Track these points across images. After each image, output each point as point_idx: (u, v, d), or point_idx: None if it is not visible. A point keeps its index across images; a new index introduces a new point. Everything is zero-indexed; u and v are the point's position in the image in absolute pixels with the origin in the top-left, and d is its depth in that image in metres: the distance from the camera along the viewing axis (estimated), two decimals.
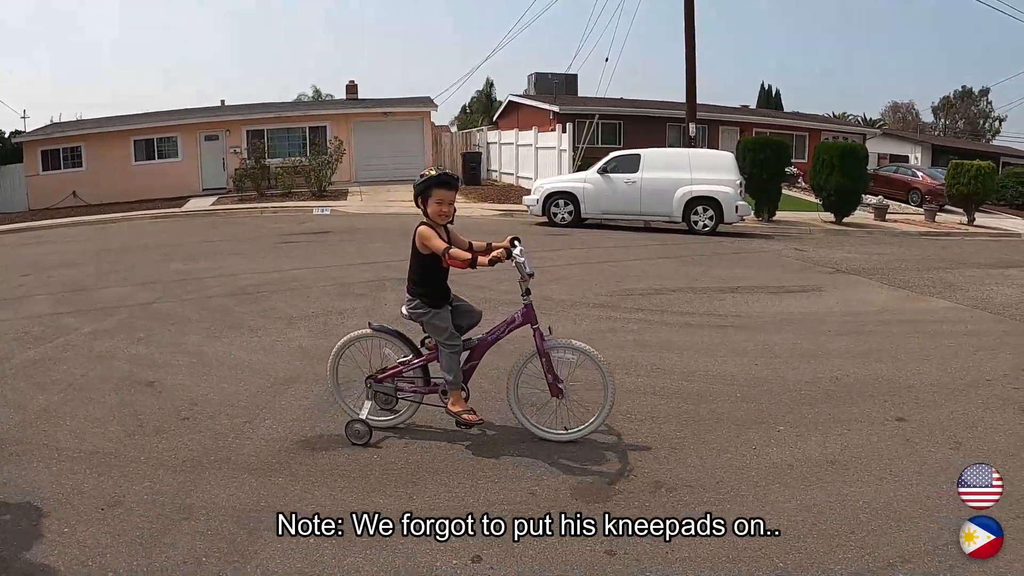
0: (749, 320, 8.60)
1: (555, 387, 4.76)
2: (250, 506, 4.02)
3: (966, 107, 65.92)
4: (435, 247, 4.53)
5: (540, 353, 4.72)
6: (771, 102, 49.41)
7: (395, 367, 4.93)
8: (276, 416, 5.35)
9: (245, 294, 9.91)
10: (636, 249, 14.44)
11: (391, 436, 5.01)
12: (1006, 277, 12.43)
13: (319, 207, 23.03)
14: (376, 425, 4.92)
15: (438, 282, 4.78)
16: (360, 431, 4.81)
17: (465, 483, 4.33)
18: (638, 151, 18.63)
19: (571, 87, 33.97)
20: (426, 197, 4.63)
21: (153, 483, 4.28)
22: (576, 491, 4.26)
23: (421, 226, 4.65)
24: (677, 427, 5.18)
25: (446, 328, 4.72)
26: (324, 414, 5.36)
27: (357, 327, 7.82)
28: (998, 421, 5.43)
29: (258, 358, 6.85)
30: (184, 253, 14.03)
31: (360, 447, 4.83)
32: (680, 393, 5.70)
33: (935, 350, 7.44)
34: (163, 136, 30.33)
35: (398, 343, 4.98)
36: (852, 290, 10.72)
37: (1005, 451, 4.85)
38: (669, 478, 4.42)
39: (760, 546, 3.68)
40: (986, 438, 5.10)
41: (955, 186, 24.00)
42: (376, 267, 11.76)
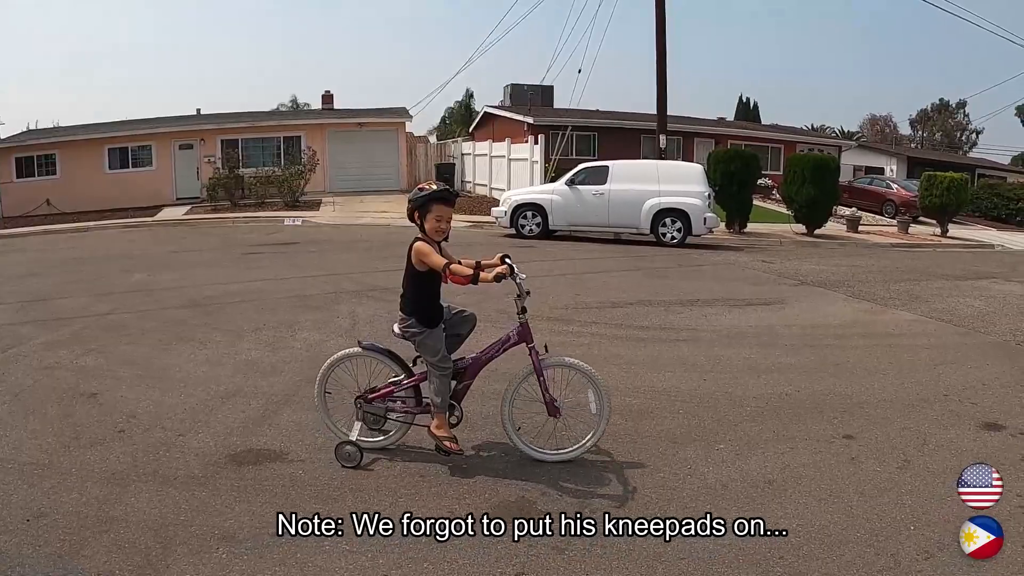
0: (703, 334, 8.53)
1: (552, 406, 4.66)
2: (169, 519, 3.99)
3: (943, 120, 66.51)
4: (434, 264, 4.40)
5: (537, 372, 4.61)
6: (749, 114, 49.65)
7: (386, 387, 4.77)
8: (210, 429, 5.31)
9: (201, 306, 9.81)
10: (600, 261, 14.41)
11: (317, 453, 4.92)
12: (975, 288, 12.45)
13: (291, 217, 22.90)
14: (366, 447, 4.76)
15: (431, 299, 4.64)
16: (350, 453, 4.65)
17: (385, 500, 4.26)
18: (607, 163, 18.63)
19: (547, 98, 34.02)
20: (424, 212, 4.48)
21: (80, 495, 4.26)
22: (495, 510, 4.17)
23: (417, 242, 4.50)
24: (612, 444, 5.06)
25: (439, 350, 4.58)
26: (257, 428, 5.32)
27: (305, 341, 7.95)
28: (951, 438, 5.38)
29: (203, 371, 6.79)
30: (148, 264, 13.91)
31: (286, 463, 4.75)
32: (621, 409, 5.56)
33: (892, 364, 7.39)
34: (137, 145, 30.11)
35: (389, 362, 4.81)
36: (814, 303, 10.69)
37: (956, 469, 4.62)
38: (593, 500, 4.33)
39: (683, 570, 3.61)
40: (936, 456, 5.04)
41: (928, 198, 24.17)
42: (336, 279, 11.66)
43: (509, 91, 36.12)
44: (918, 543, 3.86)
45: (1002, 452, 5.11)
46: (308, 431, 5.28)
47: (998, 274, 14.64)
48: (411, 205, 4.54)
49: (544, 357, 4.62)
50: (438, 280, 4.52)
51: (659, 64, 21.50)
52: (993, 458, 4.87)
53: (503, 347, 4.68)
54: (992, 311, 10.29)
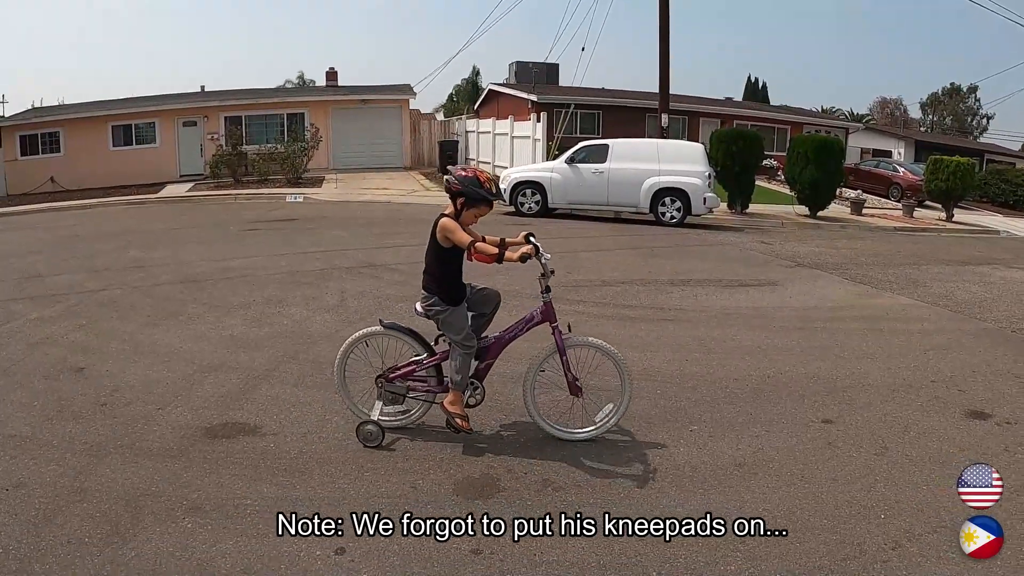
0: (692, 314, 8.50)
1: (575, 386, 4.65)
2: (141, 490, 4.08)
3: (954, 104, 65.87)
4: (459, 240, 4.35)
5: (560, 351, 4.59)
6: (757, 95, 49.29)
7: (407, 366, 4.74)
8: (188, 403, 5.38)
9: (194, 282, 9.85)
10: (596, 240, 14.31)
11: (290, 427, 4.96)
12: (975, 274, 12.32)
13: (292, 194, 22.83)
14: (387, 425, 4.73)
15: (455, 277, 4.59)
16: (372, 432, 4.63)
17: (351, 474, 4.30)
18: (607, 141, 18.46)
19: (552, 76, 33.75)
20: (471, 205, 4.44)
21: (59, 466, 4.35)
22: (456, 486, 4.19)
23: (444, 218, 4.44)
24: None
25: (463, 328, 4.55)
26: (234, 403, 5.40)
27: (292, 317, 7.97)
28: (934, 425, 5.31)
29: (188, 346, 6.86)
30: (146, 241, 13.96)
31: (259, 437, 4.80)
32: (599, 388, 5.54)
33: (883, 348, 7.32)
34: (141, 122, 29.99)
35: (410, 341, 4.78)
36: (810, 285, 10.60)
37: (935, 457, 4.73)
38: (559, 477, 4.33)
39: (637, 550, 3.60)
40: (917, 443, 4.97)
41: (933, 182, 23.89)
42: (330, 255, 11.66)
43: (514, 69, 35.87)
44: (887, 532, 3.81)
45: (985, 441, 5.06)
46: (284, 406, 5.35)
47: (1000, 260, 14.47)
48: (464, 191, 4.42)
49: (567, 337, 4.62)
50: (462, 257, 4.48)
51: (662, 43, 21.27)
52: (976, 447, 4.92)
53: (526, 326, 4.68)
54: (990, 297, 10.20)
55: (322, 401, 5.41)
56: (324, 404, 5.34)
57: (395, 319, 4.87)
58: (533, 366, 4.70)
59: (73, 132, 29.66)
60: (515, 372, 5.21)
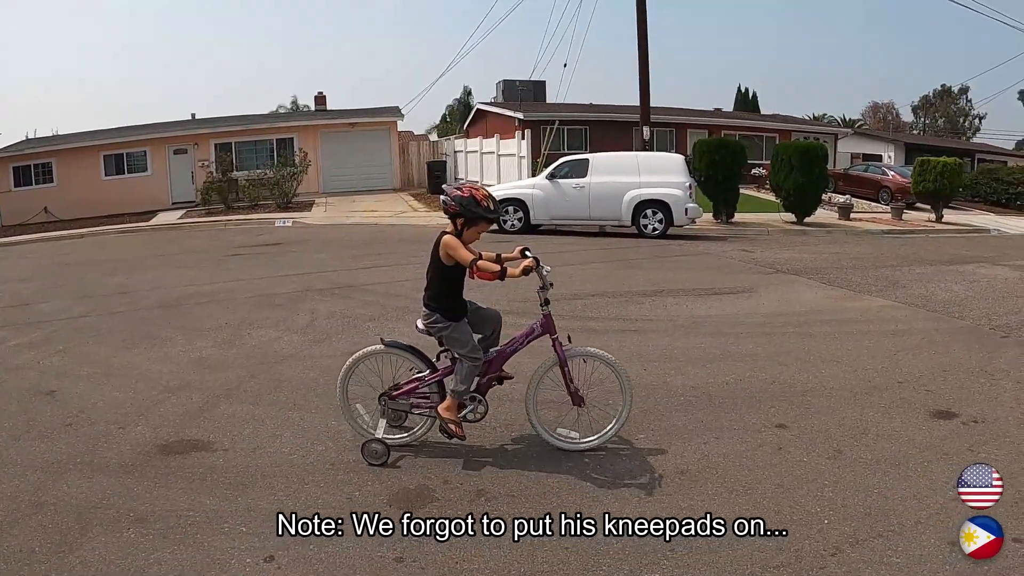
0: (658, 324, 8.51)
1: (576, 396, 4.73)
2: (93, 503, 4.24)
3: (946, 105, 65.96)
4: (461, 258, 4.39)
5: (561, 363, 4.67)
6: (748, 104, 49.27)
7: (410, 383, 4.77)
8: (149, 422, 5.50)
9: (172, 306, 9.96)
10: (574, 254, 14.32)
11: (241, 443, 5.05)
12: (958, 273, 12.30)
13: (281, 219, 23.00)
14: (391, 443, 4.76)
15: (456, 294, 4.63)
16: (378, 451, 4.64)
17: (292, 487, 4.40)
18: (587, 155, 18.57)
19: (540, 94, 33.92)
20: (472, 224, 4.49)
21: (20, 482, 4.52)
22: (394, 497, 4.24)
23: (446, 236, 4.49)
24: (528, 434, 5.08)
25: (468, 341, 4.59)
26: (192, 421, 5.52)
27: (259, 338, 8.04)
28: (895, 427, 5.26)
29: (157, 368, 6.99)
30: (132, 267, 14.10)
31: (210, 452, 4.91)
32: (550, 401, 5.49)
33: (851, 351, 7.27)
34: (132, 151, 30.28)
35: (412, 358, 4.81)
36: (785, 290, 10.60)
37: (892, 459, 4.67)
38: (495, 486, 4.37)
39: (561, 558, 3.66)
40: (874, 445, 4.92)
41: (921, 183, 23.92)
42: (307, 278, 11.73)
43: (501, 87, 36.04)
44: (828, 538, 3.76)
45: (948, 441, 5.01)
46: (238, 423, 5.45)
47: (986, 258, 14.44)
48: (464, 211, 4.46)
49: (567, 348, 4.69)
50: (464, 275, 4.52)
51: (641, 56, 21.41)
52: (936, 448, 4.88)
53: (527, 339, 4.73)
54: (971, 295, 10.19)
55: (275, 418, 5.51)
56: (277, 421, 5.46)
57: (363, 339, 4.97)
58: (534, 378, 4.76)
59: (65, 162, 29.96)
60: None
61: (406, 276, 11.54)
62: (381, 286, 10.71)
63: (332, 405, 5.56)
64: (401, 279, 11.47)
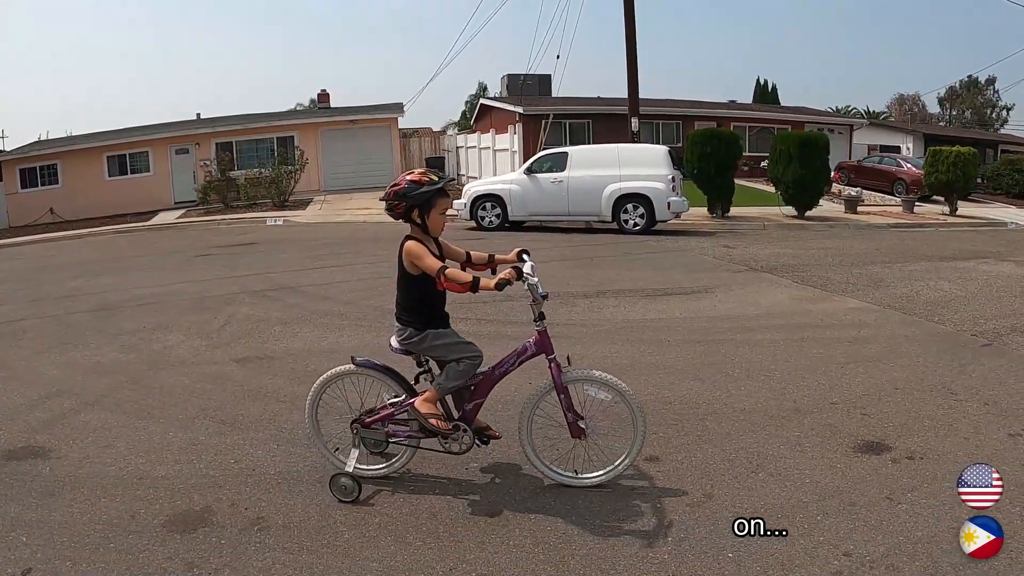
0: (584, 329, 7.88)
1: (576, 427, 4.03)
2: None
3: (972, 97, 64.20)
4: (428, 267, 3.82)
5: (558, 388, 3.98)
6: (767, 97, 48.30)
7: (385, 409, 4.16)
8: (12, 427, 5.38)
9: (108, 310, 9.78)
10: (542, 252, 13.60)
11: (76, 451, 4.89)
12: (956, 270, 11.56)
13: (274, 218, 22.86)
14: (365, 475, 4.20)
15: (433, 306, 4.06)
16: (347, 487, 4.03)
17: (89, 500, 4.18)
18: (566, 149, 17.98)
19: (544, 87, 33.29)
20: (428, 209, 3.92)
21: None
22: (174, 518, 3.93)
23: (408, 241, 3.94)
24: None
25: (456, 341, 4.02)
26: (49, 427, 5.36)
27: (163, 343, 7.74)
28: (801, 462, 4.39)
29: (54, 372, 6.90)
30: (101, 269, 13.95)
31: (43, 459, 4.76)
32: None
33: (791, 363, 6.47)
34: (135, 151, 30.42)
35: (387, 380, 4.20)
36: (748, 290, 9.87)
37: (774, 509, 3.80)
38: (278, 515, 3.94)
39: None
40: (759, 489, 4.08)
41: (933, 174, 23.03)
42: (251, 279, 11.47)
43: (505, 82, 35.52)
44: None
45: (861, 486, 4.09)
46: (86, 431, 5.25)
47: (993, 253, 13.67)
48: (410, 201, 3.90)
49: (567, 370, 4.01)
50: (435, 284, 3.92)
51: (629, 46, 20.77)
52: (844, 494, 3.99)
53: (518, 359, 4.05)
54: (962, 295, 9.42)
55: (121, 427, 5.30)
56: (120, 430, 5.23)
57: (260, 345, 4.54)
58: (528, 405, 4.12)
59: (70, 164, 30.17)
60: None
61: (347, 277, 11.25)
62: (318, 288, 10.37)
63: (185, 415, 5.51)
64: (342, 280, 11.17)
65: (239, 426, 5.21)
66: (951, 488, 3.90)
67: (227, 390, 6.05)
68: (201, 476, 4.42)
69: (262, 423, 5.25)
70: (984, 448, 4.56)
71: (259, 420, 5.31)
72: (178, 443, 4.90)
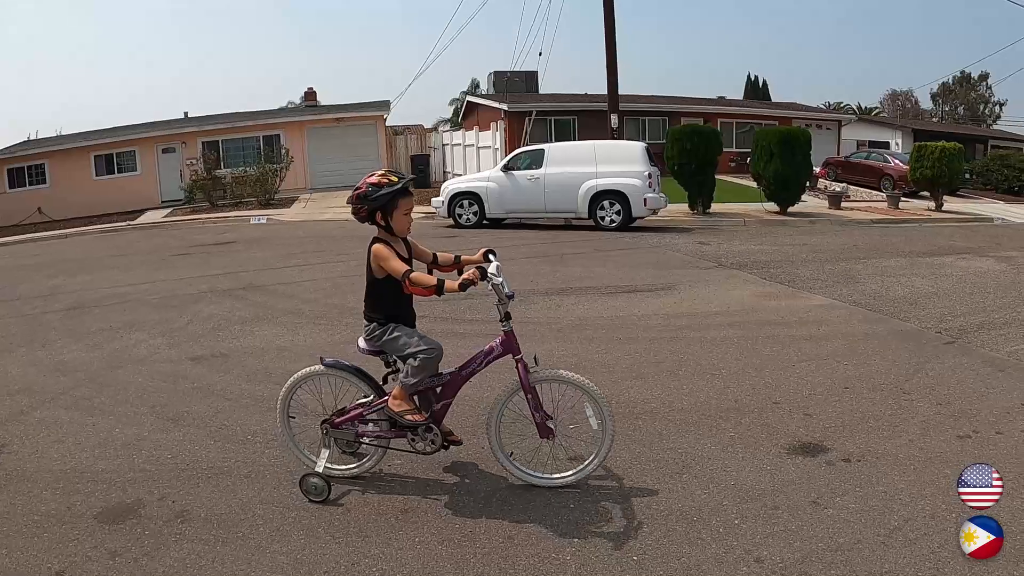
0: (536, 327, 7.81)
1: (544, 427, 4.00)
2: None
3: (965, 93, 64.23)
4: (393, 270, 3.84)
5: (525, 389, 3.97)
6: (758, 93, 48.36)
7: (355, 409, 4.16)
8: None
9: (79, 309, 9.82)
10: (510, 248, 13.63)
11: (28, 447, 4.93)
12: (931, 266, 11.54)
13: (258, 216, 22.92)
14: (336, 474, 4.21)
15: (398, 305, 4.05)
16: (317, 486, 4.04)
17: (28, 493, 4.26)
18: (543, 146, 17.97)
19: (532, 85, 33.33)
20: (390, 209, 3.92)
21: None
22: (105, 510, 4.01)
23: (376, 244, 3.94)
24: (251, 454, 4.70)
25: (412, 335, 3.98)
26: (4, 424, 5.44)
27: (125, 341, 7.78)
28: (731, 463, 4.34)
29: (17, 371, 6.96)
30: (79, 268, 13.98)
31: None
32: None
33: (739, 361, 6.41)
34: (122, 151, 30.48)
35: (356, 381, 4.20)
36: (713, 287, 9.84)
37: (691, 507, 3.81)
38: (202, 509, 4.01)
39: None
40: (681, 492, 3.98)
41: (919, 169, 22.96)
42: (221, 278, 11.52)
43: (492, 79, 35.56)
44: None
45: (788, 488, 4.01)
46: (40, 427, 5.32)
47: (973, 249, 13.65)
48: (371, 205, 3.89)
49: (534, 370, 3.99)
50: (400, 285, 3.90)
51: (608, 43, 20.80)
52: (766, 497, 3.91)
53: (485, 359, 4.04)
54: (933, 292, 9.39)
55: (72, 423, 5.38)
56: (71, 427, 5.30)
57: (217, 343, 4.60)
58: (496, 405, 4.12)
59: (57, 163, 30.26)
60: None
61: (316, 276, 11.29)
62: (285, 287, 10.44)
63: (134, 411, 5.59)
64: (309, 279, 11.22)
65: (182, 422, 5.30)
66: (884, 492, 3.89)
67: (178, 388, 6.14)
68: (138, 471, 4.50)
69: (205, 420, 5.34)
70: (928, 451, 4.45)
71: (202, 417, 5.39)
72: (122, 438, 5.00)
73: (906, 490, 3.97)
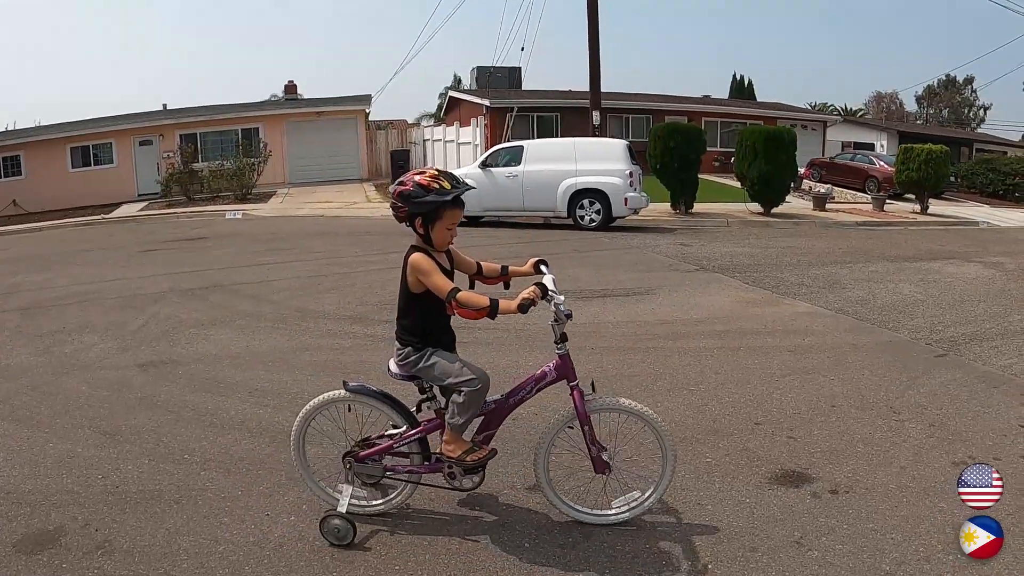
0: (493, 334, 7.18)
1: (600, 461, 3.60)
2: None
3: (950, 95, 64.43)
4: (436, 287, 3.32)
5: (581, 420, 3.53)
6: (744, 92, 48.11)
7: (383, 440, 3.70)
8: None
9: (39, 308, 9.54)
10: (481, 249, 13.23)
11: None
12: (919, 271, 11.25)
13: (233, 211, 22.55)
14: (359, 512, 3.75)
15: (439, 325, 3.55)
16: (340, 529, 3.55)
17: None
18: (522, 142, 17.60)
19: (515, 81, 32.99)
20: (432, 220, 3.40)
21: None
22: (21, 539, 3.69)
23: (414, 253, 3.41)
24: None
25: (453, 362, 3.48)
26: None
27: (76, 345, 7.46)
28: (706, 494, 4.01)
29: None
30: (45, 264, 13.65)
31: None
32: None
33: (718, 377, 6.01)
34: (98, 143, 30.06)
35: (384, 408, 3.69)
36: (692, 293, 9.48)
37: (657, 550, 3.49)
38: (125, 541, 3.68)
39: None
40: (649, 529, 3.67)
41: (905, 172, 22.77)
42: (186, 276, 11.19)
43: (475, 74, 35.19)
44: None
45: (766, 527, 3.66)
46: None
47: (960, 253, 13.40)
48: (412, 208, 3.39)
49: (591, 398, 3.56)
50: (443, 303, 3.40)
51: (591, 40, 20.53)
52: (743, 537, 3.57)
53: (536, 386, 3.60)
54: (921, 299, 9.09)
55: (9, 436, 5.11)
56: (5, 439, 5.04)
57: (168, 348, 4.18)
58: (545, 436, 3.71)
59: (33, 155, 29.76)
60: None
61: (283, 275, 10.97)
62: (250, 286, 10.12)
63: (71, 424, 5.29)
64: (276, 278, 10.89)
65: (118, 437, 4.98)
66: (873, 531, 3.60)
67: (121, 398, 5.82)
68: (65, 492, 4.19)
69: (143, 435, 5.01)
70: (922, 480, 4.14)
71: (140, 432, 5.07)
72: (55, 454, 4.70)
73: (898, 527, 3.65)
